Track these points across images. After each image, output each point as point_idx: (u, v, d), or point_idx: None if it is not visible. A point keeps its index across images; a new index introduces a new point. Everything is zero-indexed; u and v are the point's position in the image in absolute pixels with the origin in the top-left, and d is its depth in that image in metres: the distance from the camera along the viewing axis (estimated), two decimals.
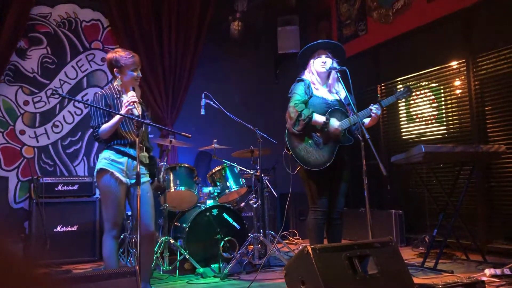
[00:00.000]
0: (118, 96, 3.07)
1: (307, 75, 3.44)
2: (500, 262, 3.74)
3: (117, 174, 2.95)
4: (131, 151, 3.01)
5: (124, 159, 2.99)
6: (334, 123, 3.26)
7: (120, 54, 3.06)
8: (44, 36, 5.49)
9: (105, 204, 3.02)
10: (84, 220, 4.86)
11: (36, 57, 5.43)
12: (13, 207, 5.13)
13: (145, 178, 3.08)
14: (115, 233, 3.00)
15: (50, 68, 5.49)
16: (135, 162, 2.94)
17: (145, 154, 3.10)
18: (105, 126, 2.92)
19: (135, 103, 2.88)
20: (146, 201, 3.01)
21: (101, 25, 5.80)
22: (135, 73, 3.08)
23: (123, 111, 2.87)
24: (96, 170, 3.01)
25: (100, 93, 3.05)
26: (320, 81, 3.41)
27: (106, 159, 2.97)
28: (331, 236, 3.42)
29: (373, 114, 3.27)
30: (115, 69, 3.05)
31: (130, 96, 2.92)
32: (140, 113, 2.99)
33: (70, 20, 5.63)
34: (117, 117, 2.90)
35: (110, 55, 3.09)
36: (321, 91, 3.40)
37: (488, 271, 3.34)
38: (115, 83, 3.12)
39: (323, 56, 3.38)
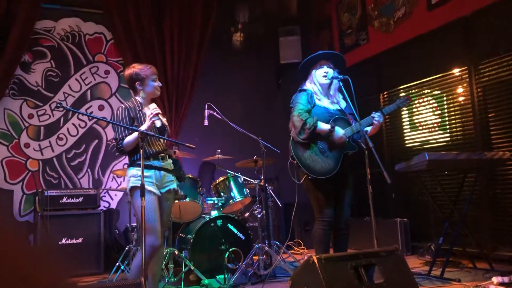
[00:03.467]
0: (141, 108, 3.15)
1: (308, 86, 3.44)
2: (507, 269, 3.71)
3: (149, 188, 3.00)
4: (156, 163, 3.09)
5: (151, 172, 3.05)
6: (339, 131, 3.26)
7: (138, 67, 3.16)
8: (48, 49, 5.54)
9: (145, 217, 2.99)
10: (89, 233, 4.85)
11: (40, 70, 5.48)
12: (18, 220, 5.15)
13: (173, 185, 3.18)
14: (159, 242, 3.02)
15: (54, 81, 5.54)
16: (162, 172, 3.08)
17: (169, 161, 3.18)
18: (129, 138, 2.98)
19: (159, 114, 3.00)
20: (167, 211, 3.18)
21: (104, 38, 5.85)
22: (155, 83, 3.18)
23: (148, 123, 2.95)
24: (128, 188, 3.07)
25: (124, 106, 3.11)
26: (322, 91, 3.42)
27: (134, 176, 3.01)
28: (337, 246, 3.40)
29: (375, 122, 3.28)
30: (136, 82, 3.13)
31: (153, 108, 3.01)
32: (166, 123, 3.21)
33: (74, 34, 5.69)
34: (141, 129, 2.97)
35: (129, 71, 3.16)
36: (323, 102, 3.41)
37: (495, 279, 3.32)
38: (137, 97, 3.19)
39: (325, 66, 3.40)
